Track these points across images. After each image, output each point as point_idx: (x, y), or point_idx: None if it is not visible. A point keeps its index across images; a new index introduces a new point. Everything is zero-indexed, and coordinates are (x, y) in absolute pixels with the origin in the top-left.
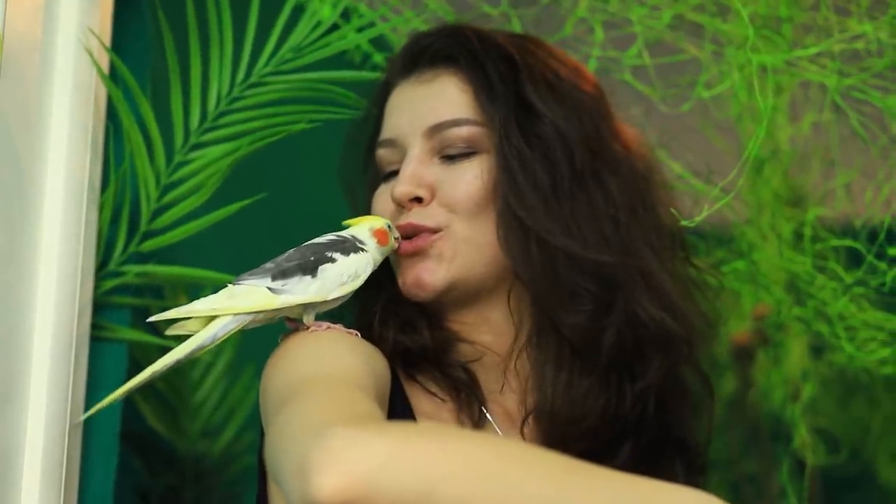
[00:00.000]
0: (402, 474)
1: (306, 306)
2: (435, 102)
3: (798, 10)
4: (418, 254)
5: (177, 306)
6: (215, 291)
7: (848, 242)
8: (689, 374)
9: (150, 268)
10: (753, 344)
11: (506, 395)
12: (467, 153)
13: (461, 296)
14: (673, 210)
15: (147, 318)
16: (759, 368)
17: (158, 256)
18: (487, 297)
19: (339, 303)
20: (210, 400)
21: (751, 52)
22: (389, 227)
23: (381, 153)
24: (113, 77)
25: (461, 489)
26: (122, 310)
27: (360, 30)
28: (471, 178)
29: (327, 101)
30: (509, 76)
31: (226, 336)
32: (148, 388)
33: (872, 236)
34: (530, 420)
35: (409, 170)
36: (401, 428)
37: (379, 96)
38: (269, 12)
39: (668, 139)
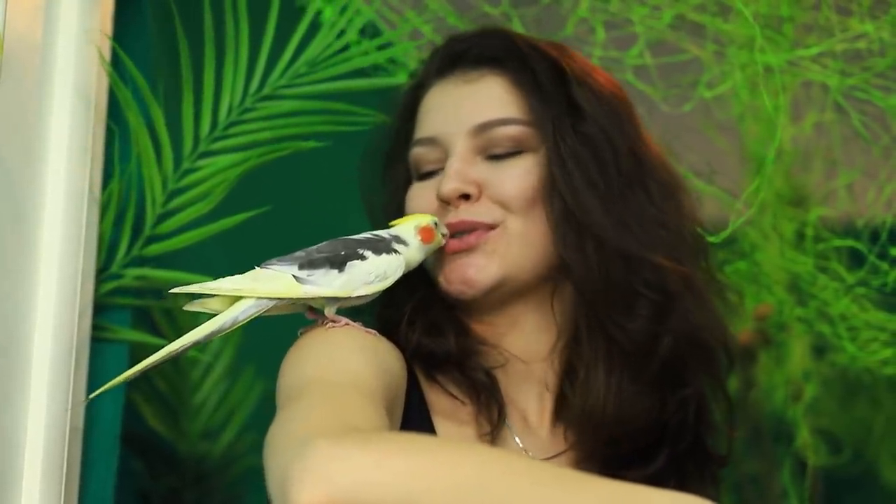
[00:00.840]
0: (382, 489)
1: (329, 299)
2: (480, 101)
3: (799, 10)
4: (465, 250)
5: (178, 307)
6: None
7: (850, 243)
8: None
9: (147, 271)
10: (755, 344)
11: (530, 399)
12: (514, 152)
13: (502, 295)
14: (699, 229)
15: (147, 318)
16: (760, 369)
17: (160, 260)
18: (526, 299)
19: (366, 301)
20: (210, 401)
21: (758, 52)
22: (436, 224)
23: (419, 151)
24: (121, 78)
25: (443, 503)
26: (123, 311)
27: (380, 48)
28: (519, 174)
29: (339, 112)
30: (557, 79)
31: (246, 320)
32: (148, 389)
33: (874, 236)
34: (563, 422)
35: (455, 166)
36: (385, 440)
37: (409, 99)
38: (287, 25)
39: (670, 139)
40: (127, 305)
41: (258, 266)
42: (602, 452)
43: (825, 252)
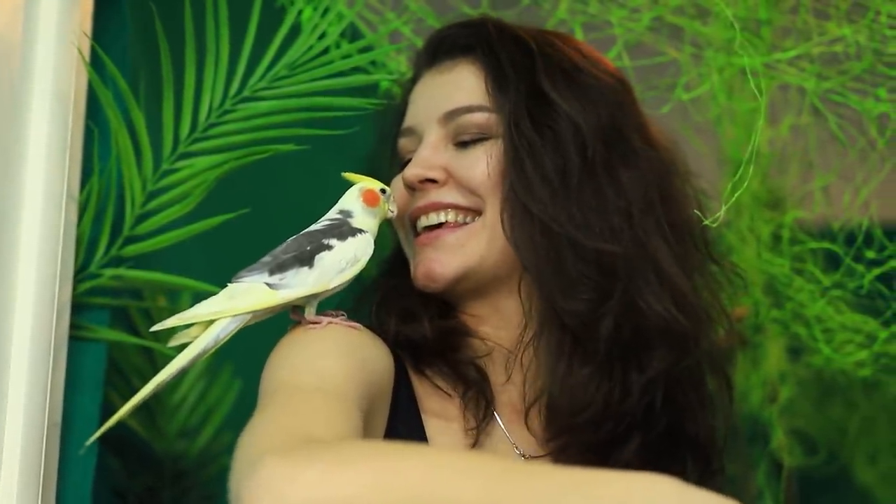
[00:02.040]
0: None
1: (308, 297)
2: (451, 90)
3: (777, 13)
4: (432, 245)
5: (156, 307)
6: (194, 297)
7: (826, 245)
8: (709, 374)
9: (123, 271)
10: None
11: (511, 386)
12: (480, 139)
13: (473, 285)
14: (697, 212)
15: (125, 317)
16: (737, 370)
17: (138, 260)
18: (499, 287)
19: (344, 287)
20: (188, 400)
21: (739, 49)
22: (384, 191)
23: (401, 142)
24: (101, 79)
25: None
26: (101, 310)
27: (361, 51)
28: (482, 160)
29: (319, 111)
30: (523, 65)
31: (228, 337)
32: (126, 388)
33: (850, 239)
34: (537, 412)
35: (422, 154)
36: (336, 452)
37: (406, 90)
38: (268, 27)
39: None
40: (105, 305)
41: (230, 282)
42: (577, 442)
43: (801, 254)
